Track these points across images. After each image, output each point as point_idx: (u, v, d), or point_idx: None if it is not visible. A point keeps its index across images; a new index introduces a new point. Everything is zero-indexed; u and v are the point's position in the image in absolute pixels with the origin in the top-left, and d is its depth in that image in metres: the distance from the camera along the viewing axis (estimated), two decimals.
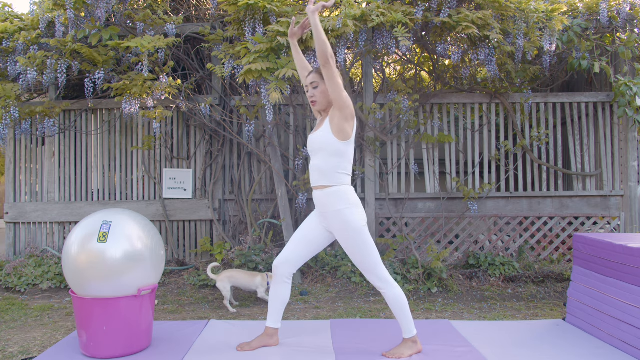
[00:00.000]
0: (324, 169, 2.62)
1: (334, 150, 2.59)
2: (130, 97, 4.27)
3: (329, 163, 2.61)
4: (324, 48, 2.46)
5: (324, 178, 2.63)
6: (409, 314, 2.70)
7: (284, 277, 2.77)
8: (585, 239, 3.21)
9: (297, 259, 2.77)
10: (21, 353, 2.86)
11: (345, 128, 2.57)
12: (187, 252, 5.07)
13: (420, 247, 4.91)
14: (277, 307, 2.81)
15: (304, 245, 2.77)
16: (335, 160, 2.60)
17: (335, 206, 2.59)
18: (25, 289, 4.39)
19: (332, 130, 2.58)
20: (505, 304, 3.97)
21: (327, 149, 2.60)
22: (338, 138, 2.58)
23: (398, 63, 5.80)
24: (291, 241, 2.80)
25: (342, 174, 2.62)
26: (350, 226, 2.58)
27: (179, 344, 2.89)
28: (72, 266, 2.64)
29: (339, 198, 2.59)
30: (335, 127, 2.57)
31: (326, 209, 2.64)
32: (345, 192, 2.60)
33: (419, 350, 2.72)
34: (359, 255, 2.63)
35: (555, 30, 4.29)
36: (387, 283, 2.65)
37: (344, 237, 2.64)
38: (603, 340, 2.90)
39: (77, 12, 4.37)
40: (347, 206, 2.58)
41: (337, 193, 2.60)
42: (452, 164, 5.05)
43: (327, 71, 2.49)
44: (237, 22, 4.21)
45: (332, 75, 2.49)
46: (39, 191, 5.19)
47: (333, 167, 2.60)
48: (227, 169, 5.12)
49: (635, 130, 4.96)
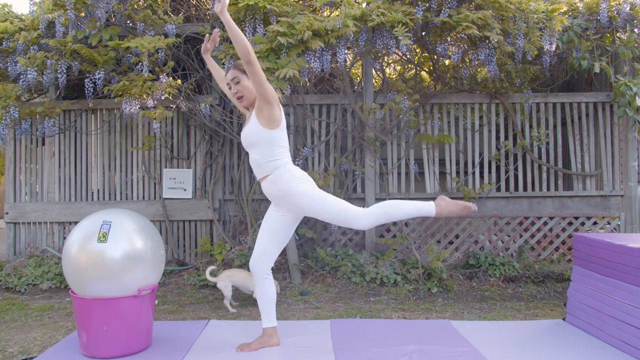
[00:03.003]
0: (261, 162, 2.66)
1: (267, 142, 2.63)
2: (130, 98, 4.27)
3: (264, 154, 2.65)
4: (244, 43, 2.41)
5: (262, 170, 2.68)
6: (410, 205, 2.67)
7: (263, 274, 2.81)
8: (585, 239, 3.21)
9: (269, 254, 2.81)
10: (21, 353, 2.86)
11: (275, 117, 2.61)
12: (187, 252, 5.07)
13: (420, 247, 4.91)
14: (266, 306, 2.82)
15: (270, 239, 2.80)
16: (269, 150, 2.64)
17: (280, 186, 2.64)
18: (25, 289, 4.39)
19: (262, 122, 2.61)
20: (505, 304, 3.97)
21: (260, 142, 2.64)
22: (270, 128, 2.61)
23: (398, 63, 5.79)
24: (258, 239, 2.84)
25: (277, 160, 2.66)
26: (302, 192, 2.62)
27: (179, 344, 2.89)
28: (72, 266, 2.64)
29: (280, 179, 2.63)
30: (265, 119, 2.60)
31: (276, 194, 2.69)
32: (284, 172, 2.64)
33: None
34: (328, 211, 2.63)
35: (555, 30, 4.29)
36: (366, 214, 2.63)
37: (304, 207, 2.66)
38: (603, 340, 2.90)
39: (77, 12, 4.37)
40: (290, 179, 2.62)
41: (277, 176, 2.64)
42: (452, 164, 5.05)
43: (250, 67, 2.45)
44: (237, 22, 4.21)
45: (255, 70, 2.47)
46: (39, 191, 5.19)
47: (268, 157, 2.64)
48: (227, 169, 5.13)
49: (635, 130, 4.96)
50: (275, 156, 2.65)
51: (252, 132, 2.66)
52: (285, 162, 2.67)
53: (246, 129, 2.72)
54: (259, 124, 2.62)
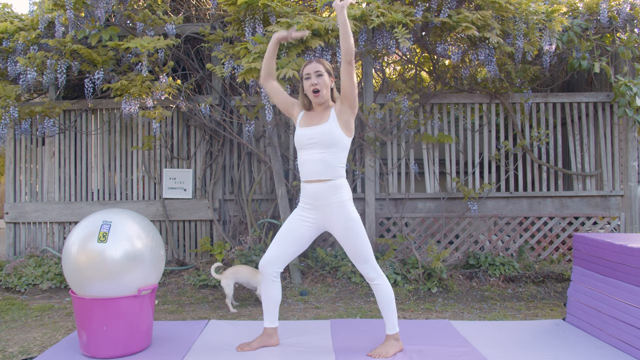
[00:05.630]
0: (331, 163, 2.63)
1: (343, 146, 2.65)
2: (129, 97, 4.27)
3: (337, 157, 2.65)
4: (351, 43, 2.53)
5: (329, 171, 2.63)
6: (395, 309, 2.74)
7: (272, 277, 2.76)
8: (585, 239, 3.21)
9: (283, 258, 2.76)
10: (21, 353, 2.86)
11: (352, 126, 2.67)
12: (187, 252, 5.07)
13: (420, 247, 4.91)
14: (270, 307, 2.81)
15: (288, 245, 2.75)
16: (342, 154, 2.67)
17: (338, 198, 2.63)
18: (25, 289, 4.39)
19: (341, 125, 2.63)
20: (505, 304, 3.97)
21: (337, 144, 2.63)
22: (347, 134, 2.65)
23: (398, 63, 5.80)
24: (275, 242, 2.77)
25: (343, 167, 2.70)
26: (351, 216, 2.64)
27: (179, 344, 2.89)
28: (72, 266, 2.64)
29: (340, 190, 2.64)
30: (344, 122, 2.63)
31: (327, 202, 2.64)
32: (345, 185, 2.68)
33: (400, 348, 2.74)
34: (358, 245, 2.65)
35: (554, 30, 4.29)
36: (381, 274, 2.70)
37: (343, 229, 2.65)
38: (603, 340, 2.90)
39: (76, 12, 4.37)
40: (348, 198, 2.67)
41: (339, 185, 2.65)
42: (452, 164, 5.05)
43: (350, 67, 2.55)
44: (237, 22, 4.21)
45: (352, 72, 2.56)
46: (39, 191, 5.19)
47: (339, 160, 2.66)
48: (227, 169, 5.12)
49: (635, 130, 4.96)
50: (343, 163, 2.68)
51: (332, 131, 2.61)
52: (344, 175, 2.71)
53: (319, 126, 2.63)
54: (338, 126, 2.62)
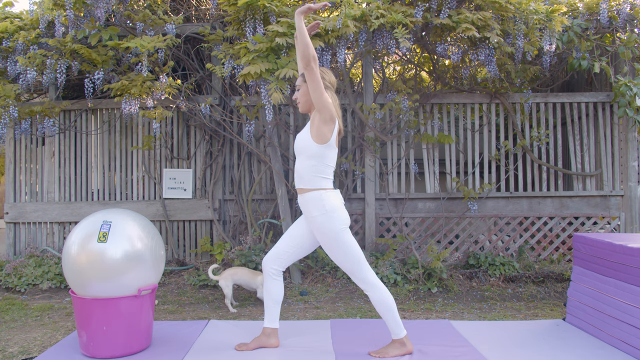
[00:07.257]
0: (301, 172, 2.64)
1: (311, 153, 2.60)
2: (129, 97, 4.27)
3: (305, 165, 2.62)
4: (307, 50, 2.45)
5: (301, 181, 2.65)
6: (396, 315, 2.67)
7: (272, 274, 2.77)
8: (585, 239, 3.22)
9: (286, 258, 2.79)
10: (21, 353, 2.86)
11: (323, 131, 2.57)
12: (187, 252, 5.07)
13: (420, 247, 4.91)
14: (270, 306, 2.81)
15: (294, 245, 2.78)
16: (312, 162, 2.60)
17: (312, 212, 2.62)
18: (25, 289, 4.39)
19: (312, 132, 2.60)
20: (505, 304, 3.97)
21: (305, 151, 2.62)
22: (316, 141, 2.58)
23: (398, 63, 5.79)
24: (283, 239, 2.81)
25: (319, 177, 2.61)
26: (324, 232, 2.60)
27: (179, 344, 2.89)
28: (72, 266, 2.64)
29: (314, 204, 2.60)
30: (315, 129, 2.59)
31: (309, 214, 2.66)
32: (320, 199, 2.59)
33: (408, 351, 2.70)
34: (340, 258, 2.64)
35: (555, 30, 4.28)
36: (372, 285, 2.63)
37: (322, 242, 2.66)
38: (603, 340, 2.90)
39: (76, 12, 4.37)
40: (322, 213, 2.58)
41: (313, 199, 2.60)
42: (452, 164, 5.05)
43: (308, 73, 2.49)
44: (237, 22, 4.21)
45: (313, 77, 2.49)
46: (39, 191, 5.19)
47: (309, 169, 2.61)
48: (227, 169, 5.12)
49: (635, 130, 4.96)
50: (317, 172, 2.61)
51: (300, 139, 2.65)
52: (324, 185, 2.61)
53: (299, 134, 2.71)
54: (309, 134, 2.61)
